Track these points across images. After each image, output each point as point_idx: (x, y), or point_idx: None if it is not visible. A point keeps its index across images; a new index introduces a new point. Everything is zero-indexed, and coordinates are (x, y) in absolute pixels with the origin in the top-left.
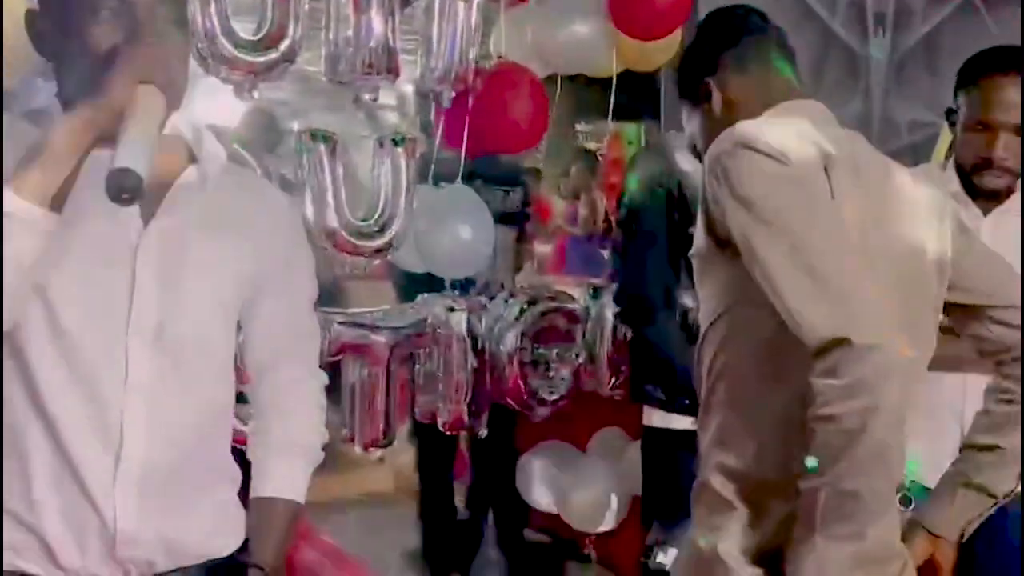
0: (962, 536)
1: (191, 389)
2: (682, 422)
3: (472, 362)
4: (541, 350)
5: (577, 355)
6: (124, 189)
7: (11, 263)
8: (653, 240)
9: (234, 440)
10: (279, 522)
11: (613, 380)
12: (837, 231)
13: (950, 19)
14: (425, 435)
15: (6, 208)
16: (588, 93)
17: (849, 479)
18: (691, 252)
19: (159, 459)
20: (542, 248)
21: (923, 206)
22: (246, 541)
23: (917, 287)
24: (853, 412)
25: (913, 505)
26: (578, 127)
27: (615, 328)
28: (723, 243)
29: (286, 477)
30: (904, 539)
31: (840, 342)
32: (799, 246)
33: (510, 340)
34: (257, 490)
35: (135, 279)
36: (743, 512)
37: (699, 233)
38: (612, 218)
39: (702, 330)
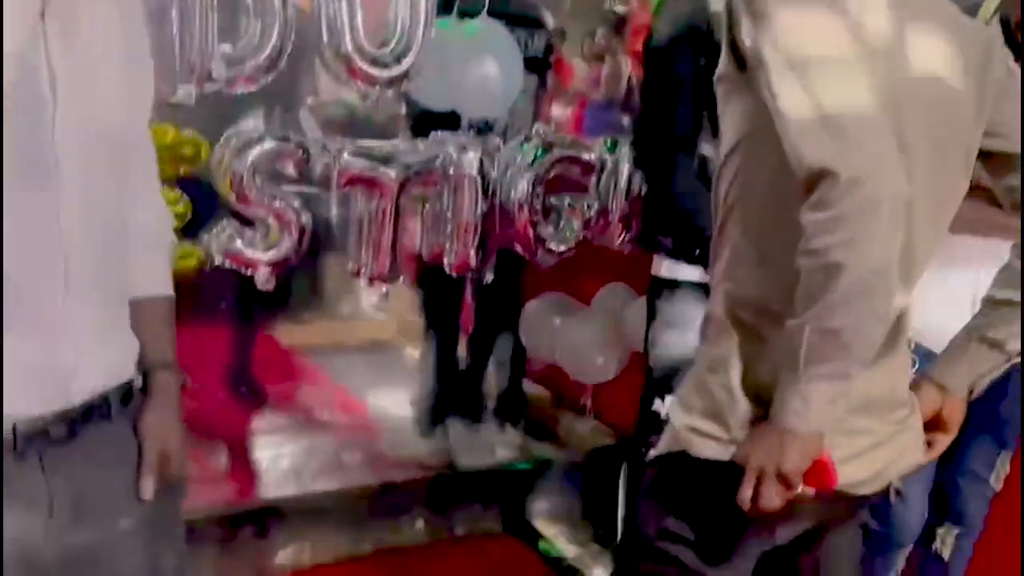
0: (970, 393)
1: (114, 181)
2: (691, 273)
3: (482, 205)
4: (552, 199)
5: (589, 206)
6: None
7: None
8: (678, 81)
9: (237, 262)
10: (169, 319)
11: (624, 235)
12: (850, 56)
13: None
14: (431, 280)
15: None
16: None
17: (830, 317)
18: (715, 75)
19: (100, 267)
20: (560, 112)
21: (969, 42)
22: None
23: (950, 122)
24: (833, 246)
25: (917, 367)
26: None
27: (630, 181)
28: (743, 65)
29: (158, 272)
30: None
31: (827, 174)
32: (805, 69)
33: (522, 186)
34: (132, 290)
35: (52, 73)
36: (748, 344)
37: (723, 55)
38: (635, 83)
39: (720, 159)
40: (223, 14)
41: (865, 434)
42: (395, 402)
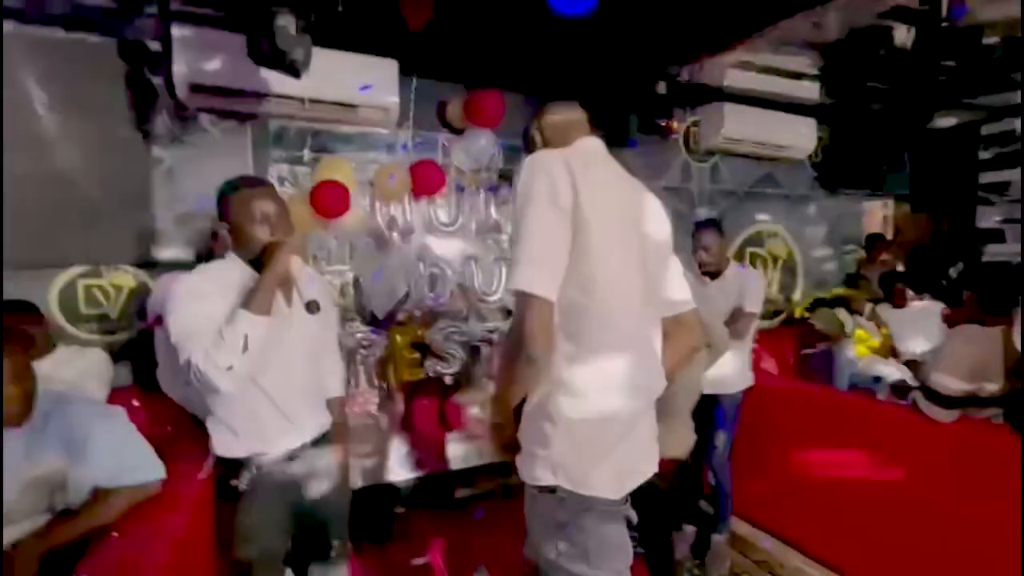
0: None
1: (319, 352)
2: None
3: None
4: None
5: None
6: (315, 309)
7: (253, 346)
8: None
9: (438, 374)
10: (340, 405)
11: None
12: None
13: None
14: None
15: (256, 323)
16: None
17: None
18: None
19: (313, 381)
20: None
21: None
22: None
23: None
24: None
25: None
26: None
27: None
28: None
29: (336, 386)
30: None
31: None
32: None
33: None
34: (330, 392)
35: (291, 338)
36: None
37: None
38: None
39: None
40: (429, 283)
41: None
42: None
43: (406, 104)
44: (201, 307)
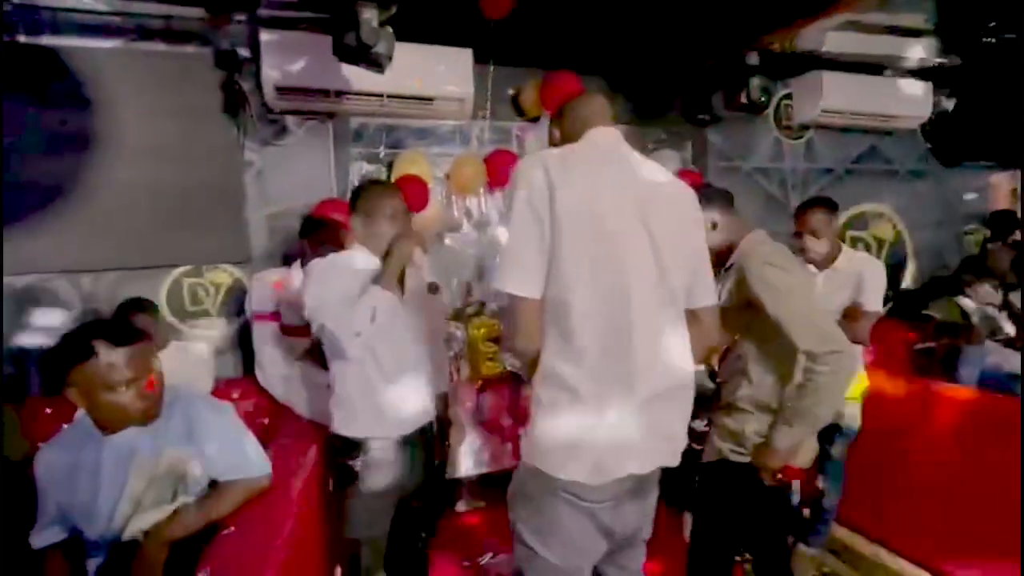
0: None
1: (430, 340)
2: None
3: None
4: None
5: None
6: (434, 289)
7: (379, 319)
8: None
9: (515, 367)
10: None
11: None
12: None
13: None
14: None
15: (384, 297)
16: None
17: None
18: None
19: (423, 366)
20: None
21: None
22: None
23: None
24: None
25: None
26: None
27: None
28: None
29: (443, 382)
30: None
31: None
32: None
33: None
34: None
35: (404, 322)
36: None
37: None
38: None
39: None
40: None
41: None
42: None
43: (481, 94)
44: (334, 283)
